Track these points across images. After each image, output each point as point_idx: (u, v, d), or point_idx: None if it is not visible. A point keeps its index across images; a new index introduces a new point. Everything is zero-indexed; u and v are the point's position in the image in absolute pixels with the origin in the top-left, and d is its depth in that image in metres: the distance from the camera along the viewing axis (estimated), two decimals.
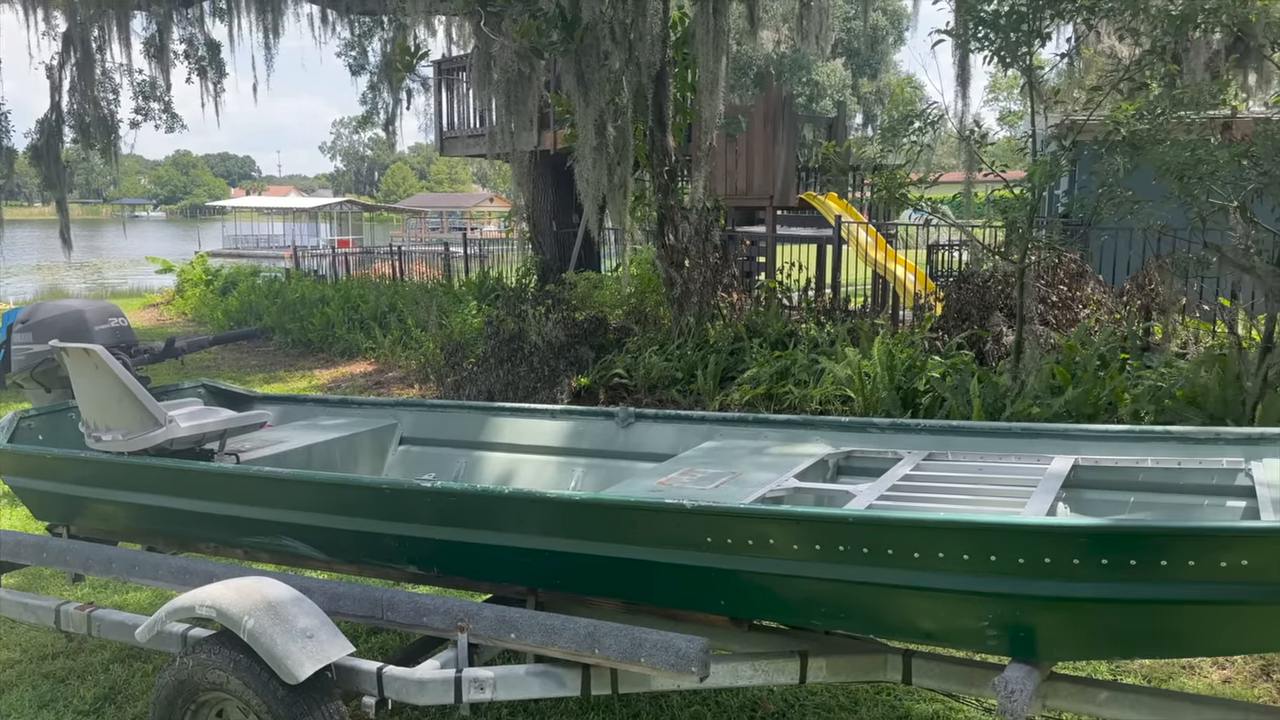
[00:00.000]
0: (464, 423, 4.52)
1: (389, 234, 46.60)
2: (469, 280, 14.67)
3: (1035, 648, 2.53)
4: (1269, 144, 5.61)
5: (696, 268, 9.39)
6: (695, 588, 2.88)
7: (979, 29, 6.35)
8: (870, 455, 3.76)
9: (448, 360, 9.89)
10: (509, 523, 3.06)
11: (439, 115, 14.84)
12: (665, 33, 8.71)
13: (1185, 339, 7.20)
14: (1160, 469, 3.19)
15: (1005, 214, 6.52)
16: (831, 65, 31.29)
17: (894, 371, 7.54)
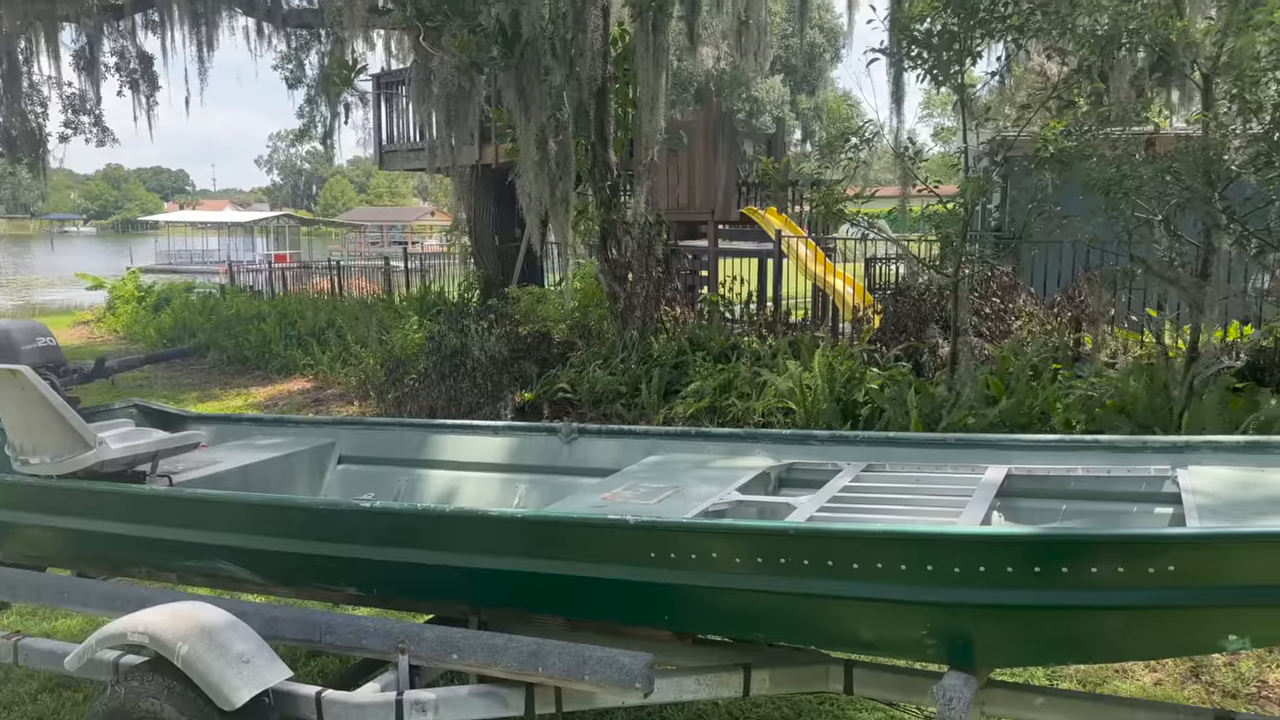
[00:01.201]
0: (404, 441, 4.47)
1: (327, 248, 45.96)
2: (410, 295, 14.52)
3: (972, 655, 2.58)
4: (1190, 160, 5.82)
5: (640, 282, 9.43)
6: (639, 603, 2.88)
7: (912, 48, 6.49)
8: (811, 467, 3.80)
9: (388, 376, 9.77)
10: (450, 542, 3.03)
11: (378, 129, 14.71)
12: (606, 49, 8.75)
13: (1114, 349, 7.40)
14: (1091, 477, 3.27)
15: (939, 229, 6.66)
16: (770, 82, 31.67)
17: (834, 383, 7.63)
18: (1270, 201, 5.91)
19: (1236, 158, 5.81)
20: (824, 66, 40.08)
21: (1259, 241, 5.91)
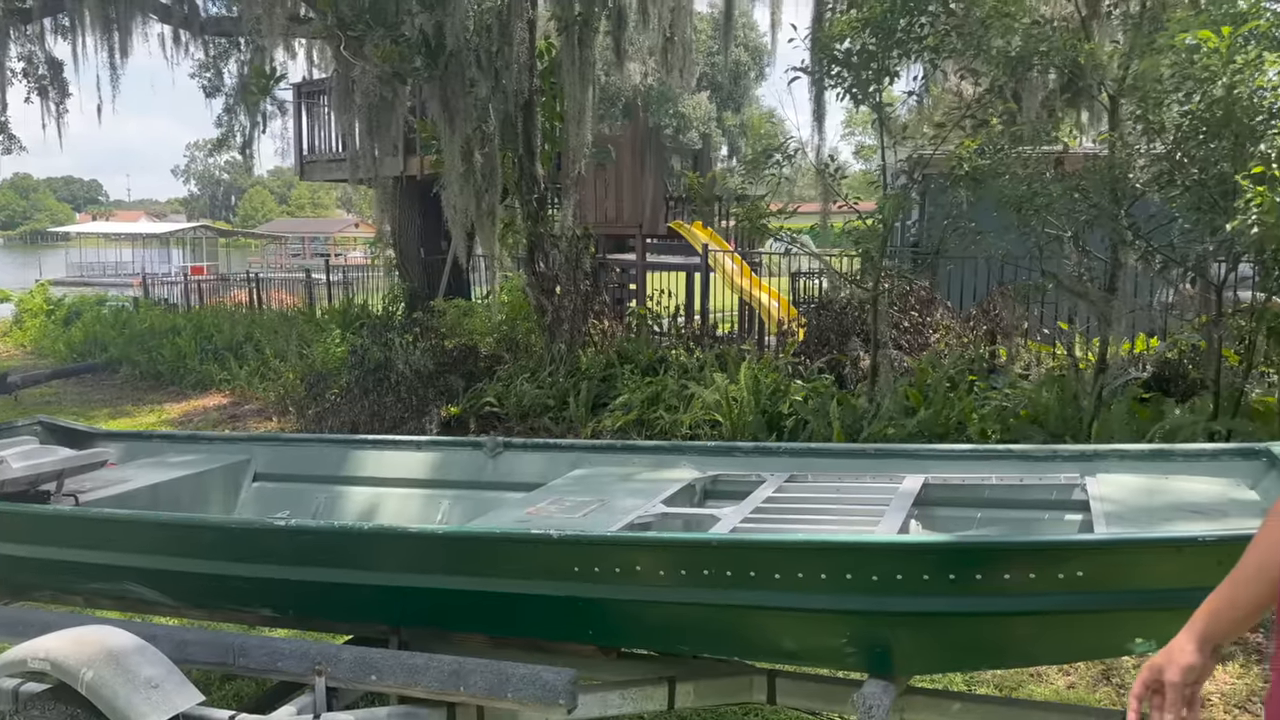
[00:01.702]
0: (323, 457, 4.37)
1: (247, 260, 44.89)
2: (332, 308, 14.26)
3: (891, 663, 2.62)
4: (1098, 179, 6.05)
5: (567, 295, 9.41)
6: (563, 618, 2.86)
7: (832, 67, 6.62)
8: (735, 479, 3.82)
9: (309, 391, 9.57)
10: (369, 560, 2.97)
11: (299, 139, 14.43)
12: (532, 62, 8.75)
13: (1028, 361, 7.63)
14: (1004, 485, 3.36)
15: (858, 244, 6.79)
16: (697, 98, 32.00)
17: (759, 396, 7.72)
18: (1173, 219, 6.16)
19: (1141, 176, 6.05)
20: (749, 84, 40.67)
21: (1163, 257, 6.16)
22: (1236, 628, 1.54)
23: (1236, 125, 5.16)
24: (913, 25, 6.44)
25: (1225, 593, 1.56)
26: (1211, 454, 3.25)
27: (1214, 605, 1.56)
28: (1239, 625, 1.54)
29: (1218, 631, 1.54)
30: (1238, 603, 1.53)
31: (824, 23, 7.74)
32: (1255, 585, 1.51)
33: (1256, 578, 1.51)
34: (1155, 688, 1.54)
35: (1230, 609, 1.54)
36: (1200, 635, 1.54)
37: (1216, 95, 5.12)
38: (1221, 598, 1.56)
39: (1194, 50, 5.20)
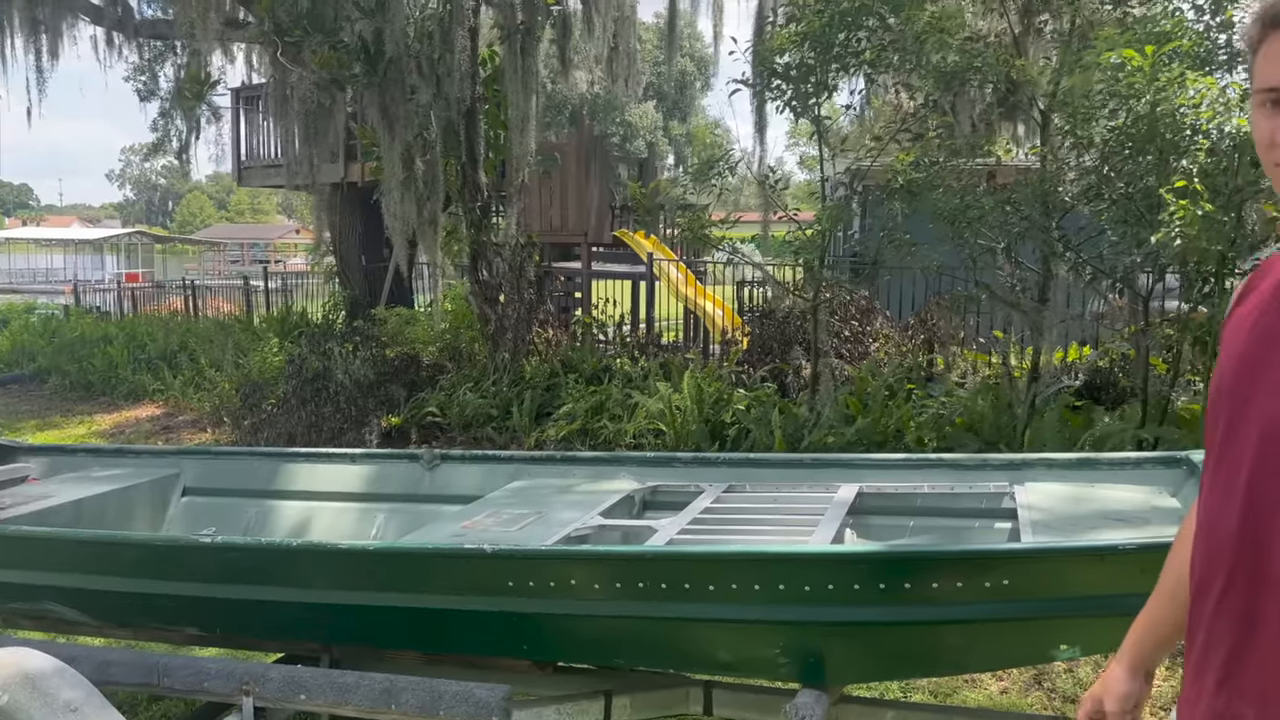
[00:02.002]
0: (255, 470, 4.28)
1: (184, 267, 43.94)
2: (270, 316, 14.01)
3: (823, 673, 2.64)
4: (1029, 192, 6.19)
5: (511, 304, 9.36)
6: (497, 634, 2.83)
7: (772, 80, 6.69)
8: (674, 489, 3.83)
9: (244, 402, 9.38)
10: (298, 577, 2.91)
11: (236, 144, 14.17)
12: (475, 70, 8.70)
13: (964, 370, 7.77)
14: (936, 494, 3.41)
15: (798, 254, 6.86)
16: (643, 107, 32.12)
17: (703, 405, 7.75)
18: (1101, 231, 6.33)
19: (1070, 190, 6.21)
20: (695, 94, 40.96)
21: (1092, 269, 6.32)
22: (1164, 648, 1.58)
23: (1160, 141, 5.31)
24: (850, 40, 6.54)
25: (1148, 615, 1.60)
26: (1135, 462, 3.33)
27: (1139, 630, 1.60)
28: (1165, 645, 1.58)
29: (1147, 655, 1.58)
30: (1160, 624, 1.57)
31: (764, 36, 7.82)
32: (1173, 605, 1.54)
33: (1173, 599, 1.54)
34: (1097, 718, 1.59)
35: (1154, 631, 1.58)
36: (1131, 662, 1.58)
37: (1141, 112, 5.28)
38: (1145, 621, 1.60)
39: (1119, 68, 5.35)
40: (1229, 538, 1.33)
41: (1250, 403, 1.31)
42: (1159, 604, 1.58)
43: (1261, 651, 1.29)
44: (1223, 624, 1.34)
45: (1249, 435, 1.30)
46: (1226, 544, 1.33)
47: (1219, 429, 1.37)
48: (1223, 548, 1.34)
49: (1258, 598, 1.29)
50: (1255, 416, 1.30)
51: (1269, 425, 1.28)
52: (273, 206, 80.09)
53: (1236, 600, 1.32)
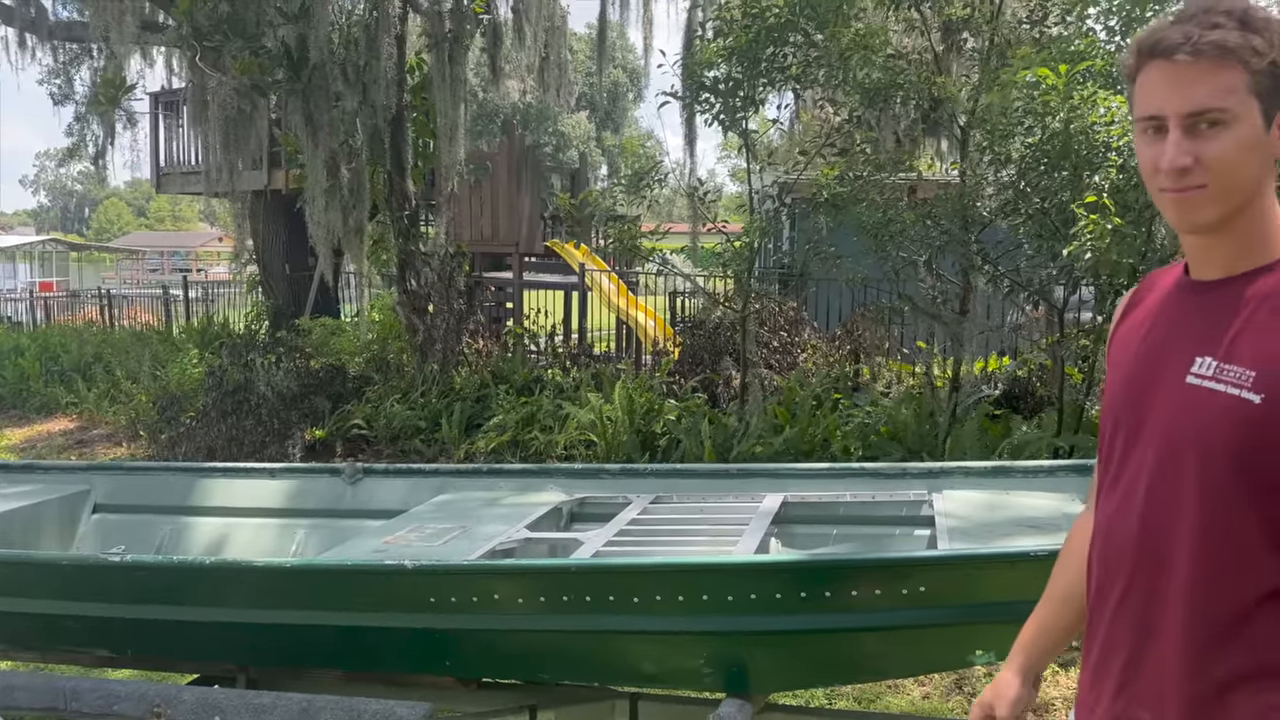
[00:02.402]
0: (170, 486, 4.16)
1: (101, 276, 42.53)
2: (190, 326, 13.64)
3: (747, 681, 2.65)
4: (949, 206, 6.34)
5: (440, 314, 9.26)
6: (420, 651, 2.79)
7: (701, 93, 6.75)
8: (602, 501, 3.82)
9: (162, 415, 9.11)
10: (213, 596, 2.84)
11: (155, 150, 13.78)
12: (402, 77, 8.61)
13: (889, 380, 7.92)
14: (858, 503, 3.46)
15: (726, 266, 6.93)
16: (576, 118, 32.17)
17: (634, 415, 7.76)
18: (1019, 245, 6.51)
19: (989, 204, 6.38)
20: (627, 105, 41.13)
21: (1010, 281, 6.50)
22: (1052, 652, 1.62)
23: (1074, 157, 5.48)
24: (777, 55, 6.63)
25: (1037, 620, 1.64)
26: (1048, 470, 3.42)
27: (1029, 635, 1.63)
28: (1053, 651, 1.62)
29: (1036, 660, 1.62)
30: (1050, 629, 1.61)
31: (694, 50, 7.89)
32: (1063, 610, 1.59)
33: (1063, 606, 1.59)
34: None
35: (1044, 636, 1.61)
36: (1021, 668, 1.61)
37: (1056, 129, 5.44)
38: (1035, 626, 1.63)
39: (1035, 86, 5.51)
40: (1128, 546, 1.36)
41: (1148, 415, 1.36)
42: (1048, 609, 1.62)
43: (1158, 657, 1.33)
44: (1121, 629, 1.38)
45: (1148, 446, 1.35)
46: (1125, 552, 1.37)
47: (1118, 439, 1.41)
48: (1122, 555, 1.38)
49: (1155, 605, 1.33)
50: (1154, 428, 1.34)
51: (1168, 437, 1.32)
52: (194, 214, 77.98)
53: (1134, 607, 1.36)
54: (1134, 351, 1.42)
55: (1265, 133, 1.27)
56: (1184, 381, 1.31)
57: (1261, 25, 1.25)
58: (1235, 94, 1.24)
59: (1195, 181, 1.26)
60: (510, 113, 23.91)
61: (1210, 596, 1.28)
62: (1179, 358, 1.33)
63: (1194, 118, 1.25)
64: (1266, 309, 1.27)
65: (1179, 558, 1.30)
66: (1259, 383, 1.23)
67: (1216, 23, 1.24)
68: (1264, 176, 1.29)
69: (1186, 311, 1.36)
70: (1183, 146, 1.26)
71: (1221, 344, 1.29)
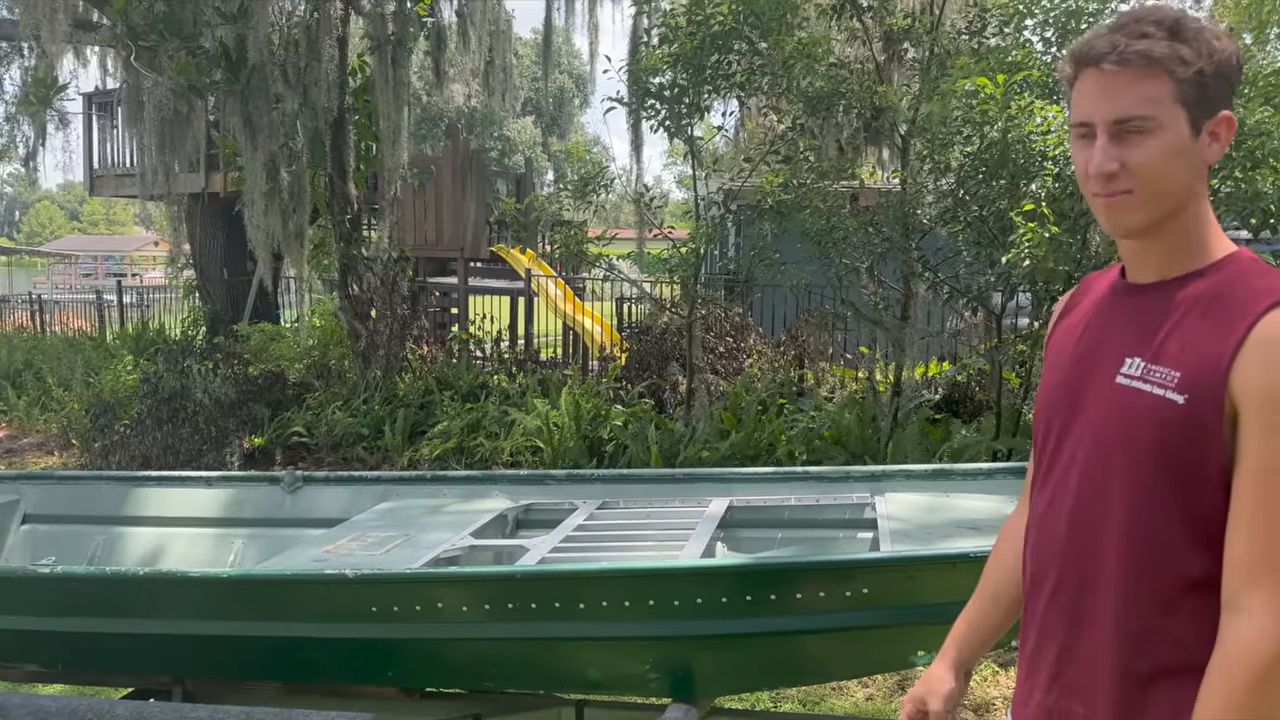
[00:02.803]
0: (103, 495, 4.04)
1: (32, 280, 41.26)
2: (124, 332, 13.30)
3: (693, 686, 2.66)
4: (890, 213, 6.44)
5: (383, 319, 9.15)
6: (361, 661, 2.74)
7: (647, 100, 6.78)
8: (548, 507, 3.80)
9: (95, 423, 8.86)
10: (147, 608, 2.76)
11: (88, 152, 13.43)
12: (343, 79, 8.50)
13: (833, 385, 8.01)
14: (802, 506, 3.49)
15: (673, 272, 6.95)
16: (522, 122, 32.07)
17: (580, 421, 7.74)
18: (958, 252, 6.63)
19: (929, 212, 6.49)
20: (573, 111, 41.13)
21: (949, 288, 6.62)
22: (983, 648, 1.66)
23: (1012, 166, 5.60)
24: (722, 63, 6.68)
25: (969, 617, 1.67)
26: (987, 473, 3.49)
27: (960, 632, 1.67)
28: (983, 647, 1.66)
29: (967, 656, 1.65)
30: (981, 625, 1.65)
31: (639, 56, 7.91)
32: (993, 607, 1.63)
33: (993, 603, 1.63)
34: (919, 718, 1.64)
35: (975, 633, 1.65)
36: (953, 663, 1.65)
37: (994, 138, 5.55)
38: (966, 623, 1.67)
39: (974, 96, 5.62)
40: (1059, 541, 1.40)
41: (1079, 415, 1.39)
42: (980, 606, 1.66)
43: (1089, 649, 1.37)
44: (1054, 622, 1.42)
45: (1079, 445, 1.38)
46: (1057, 546, 1.41)
47: (1050, 438, 1.45)
48: (1053, 550, 1.41)
49: (1085, 598, 1.37)
50: (1084, 427, 1.38)
51: (1097, 435, 1.36)
52: (129, 217, 76.09)
53: (1066, 600, 1.40)
54: (1069, 352, 1.46)
55: (1193, 140, 1.30)
56: (1114, 382, 1.34)
57: (1191, 35, 1.27)
58: (1160, 103, 1.27)
59: (1122, 187, 1.30)
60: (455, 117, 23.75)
61: (1137, 590, 1.32)
62: (1110, 358, 1.37)
63: (1119, 125, 1.28)
64: (1196, 313, 1.30)
65: (1107, 552, 1.34)
66: (1183, 384, 1.27)
67: (1145, 32, 1.27)
68: (1194, 183, 1.32)
69: (1120, 313, 1.40)
70: (1109, 152, 1.29)
71: (1151, 345, 1.32)
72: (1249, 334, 1.24)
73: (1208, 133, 1.31)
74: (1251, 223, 4.77)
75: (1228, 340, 1.25)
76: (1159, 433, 1.28)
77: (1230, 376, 1.24)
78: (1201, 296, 1.31)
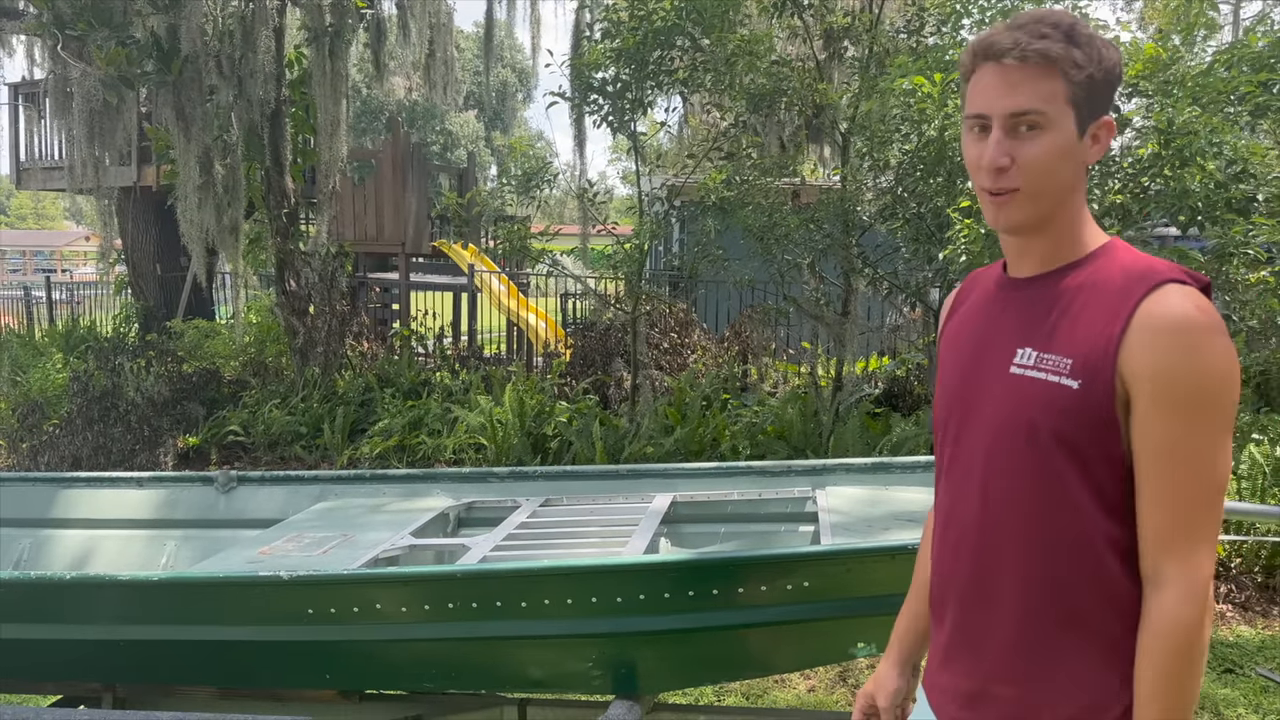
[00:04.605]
0: (29, 497, 3.91)
1: None
2: (53, 330, 12.90)
3: (636, 682, 2.66)
4: (830, 210, 6.50)
5: (322, 315, 9.00)
6: (298, 664, 2.70)
7: (589, 95, 6.75)
8: (491, 505, 3.77)
9: (22, 423, 8.59)
10: (75, 613, 2.68)
11: (14, 144, 13.00)
12: (280, 71, 8.34)
13: (776, 380, 8.07)
14: (745, 501, 3.51)
15: (617, 268, 6.95)
16: (464, 116, 31.76)
17: (524, 418, 7.69)
18: (897, 248, 6.72)
19: (869, 209, 6.57)
20: (516, 105, 40.86)
21: (888, 283, 6.70)
22: (925, 641, 1.68)
23: (949, 164, 5.69)
24: (664, 59, 6.68)
25: (907, 612, 1.71)
26: (925, 465, 3.53)
27: (901, 628, 1.71)
28: (926, 638, 1.68)
29: (911, 652, 1.69)
30: (919, 618, 1.67)
31: (581, 51, 7.88)
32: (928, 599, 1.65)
33: (925, 595, 1.65)
34: (870, 714, 1.68)
35: (914, 626, 1.69)
36: (899, 659, 1.69)
37: (931, 136, 5.63)
38: (905, 618, 1.71)
39: (911, 94, 5.70)
40: (971, 528, 1.44)
41: (977, 407, 1.44)
42: (915, 600, 1.69)
43: (1008, 633, 1.41)
44: (972, 610, 1.46)
45: (980, 436, 1.43)
46: (968, 536, 1.45)
47: (950, 430, 1.50)
48: (964, 539, 1.46)
49: (999, 582, 1.42)
50: (982, 416, 1.43)
51: (996, 424, 1.41)
52: (59, 211, 73.85)
53: (982, 587, 1.44)
54: (961, 347, 1.52)
55: (1079, 140, 1.36)
56: (1008, 372, 1.40)
57: (1084, 41, 1.34)
58: (1054, 101, 1.33)
59: (1010, 184, 1.35)
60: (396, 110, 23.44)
61: (1050, 571, 1.37)
62: (1002, 350, 1.42)
63: (1015, 119, 1.34)
64: (1080, 301, 1.36)
65: (1020, 538, 1.39)
66: (1075, 369, 1.33)
67: (1044, 33, 1.33)
68: (1075, 182, 1.39)
69: (1006, 307, 1.45)
70: (1003, 146, 1.34)
71: (1040, 335, 1.38)
72: (1132, 318, 1.30)
73: (1091, 135, 1.37)
74: (1180, 220, 4.90)
75: (1113, 325, 1.31)
76: (1058, 418, 1.33)
77: (1119, 360, 1.30)
78: (1084, 285, 1.37)
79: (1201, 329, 1.28)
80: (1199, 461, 1.29)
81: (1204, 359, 1.28)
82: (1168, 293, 1.30)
